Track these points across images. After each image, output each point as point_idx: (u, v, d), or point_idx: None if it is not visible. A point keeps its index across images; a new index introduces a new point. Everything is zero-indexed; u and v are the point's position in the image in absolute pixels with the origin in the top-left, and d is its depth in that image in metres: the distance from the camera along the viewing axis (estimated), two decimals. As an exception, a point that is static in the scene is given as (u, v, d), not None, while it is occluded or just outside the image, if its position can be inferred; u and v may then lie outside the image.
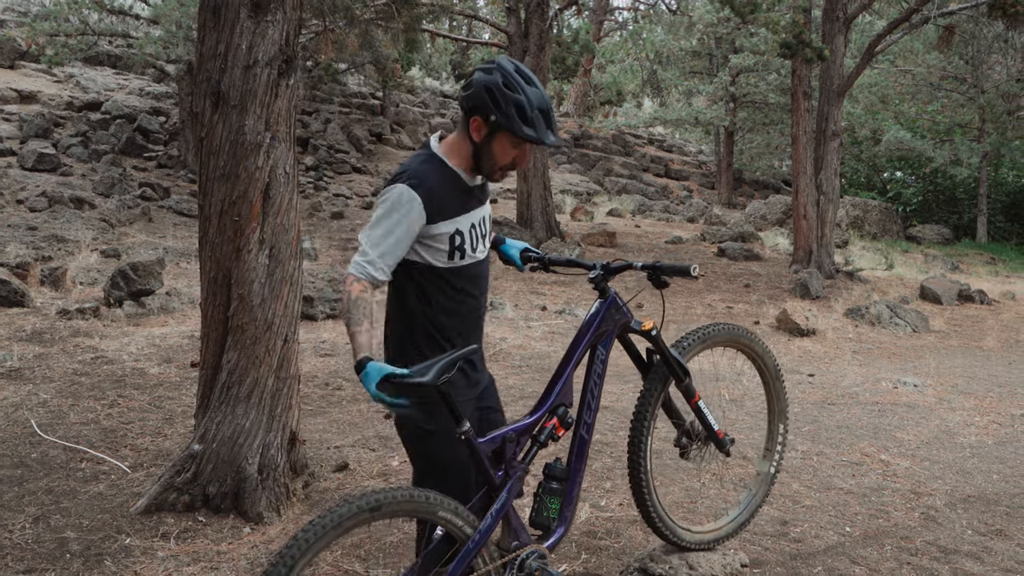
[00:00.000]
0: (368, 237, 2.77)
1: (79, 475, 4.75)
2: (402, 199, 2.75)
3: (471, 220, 2.93)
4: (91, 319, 8.16)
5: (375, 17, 13.13)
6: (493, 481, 2.90)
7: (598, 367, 3.30)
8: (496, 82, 2.77)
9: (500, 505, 2.87)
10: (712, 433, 3.64)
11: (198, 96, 4.40)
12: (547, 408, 3.13)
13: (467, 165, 2.91)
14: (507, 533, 2.98)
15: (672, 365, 3.50)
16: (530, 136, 2.78)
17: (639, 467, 3.52)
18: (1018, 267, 21.43)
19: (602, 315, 3.28)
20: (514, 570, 2.91)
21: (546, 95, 2.84)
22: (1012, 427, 6.99)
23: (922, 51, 24.08)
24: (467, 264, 2.93)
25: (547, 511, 3.10)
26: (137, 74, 22.58)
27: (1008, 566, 4.19)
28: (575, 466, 3.23)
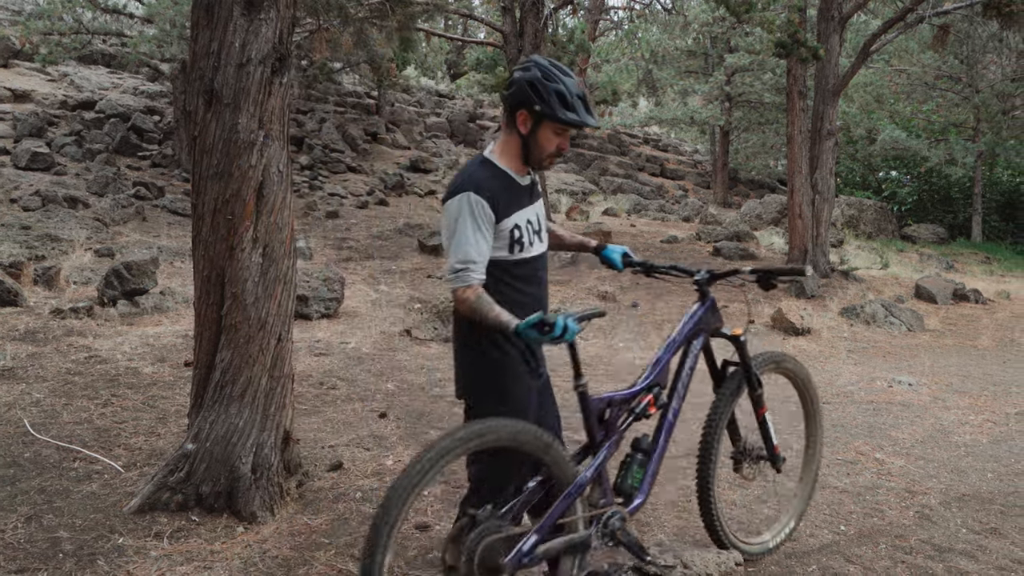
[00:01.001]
0: (456, 248, 3.03)
1: (72, 474, 4.72)
2: (472, 204, 3.02)
3: (526, 216, 3.19)
4: (85, 318, 8.14)
5: (369, 16, 13.11)
6: (595, 438, 3.21)
7: (691, 360, 3.57)
8: (536, 76, 3.06)
9: (599, 460, 3.18)
10: (770, 447, 3.89)
11: (191, 94, 4.38)
12: (644, 385, 3.39)
13: (517, 163, 3.19)
14: (597, 491, 3.22)
15: (751, 373, 3.75)
16: (573, 120, 3.06)
17: (708, 473, 3.69)
18: (1013, 266, 21.47)
19: (700, 315, 3.59)
20: (599, 524, 3.15)
21: (577, 84, 3.10)
22: (1007, 426, 6.99)
23: (917, 50, 24.12)
24: (526, 258, 3.19)
25: (632, 479, 3.33)
26: (131, 73, 22.52)
27: (1003, 564, 4.19)
28: (659, 444, 3.45)
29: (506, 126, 3.20)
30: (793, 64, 14.71)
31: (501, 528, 2.87)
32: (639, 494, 3.36)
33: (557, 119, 3.07)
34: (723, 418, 3.70)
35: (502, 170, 3.18)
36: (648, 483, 3.39)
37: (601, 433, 3.24)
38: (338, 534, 4.18)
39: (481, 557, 2.78)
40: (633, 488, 3.35)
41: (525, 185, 3.24)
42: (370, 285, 11.63)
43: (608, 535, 3.19)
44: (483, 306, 2.99)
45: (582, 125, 3.11)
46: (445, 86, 33.61)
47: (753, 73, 25.58)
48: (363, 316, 9.71)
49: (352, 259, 13.34)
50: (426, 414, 6.29)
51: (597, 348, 9.24)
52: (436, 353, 8.33)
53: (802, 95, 14.93)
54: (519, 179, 3.21)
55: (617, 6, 35.93)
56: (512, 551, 2.85)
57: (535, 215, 3.27)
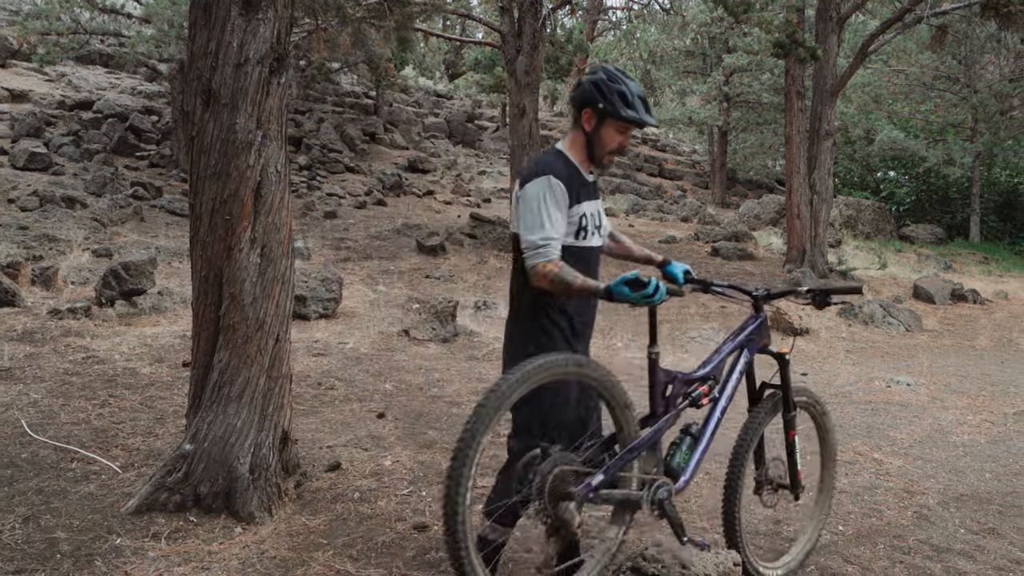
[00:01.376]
0: (538, 226, 3.23)
1: (70, 475, 4.72)
2: (553, 186, 3.26)
3: (589, 209, 3.42)
4: (82, 319, 8.13)
5: (367, 16, 13.09)
6: (657, 407, 3.39)
7: (741, 365, 3.73)
8: (601, 78, 3.32)
9: (658, 427, 3.35)
10: (794, 471, 3.97)
11: (189, 94, 4.37)
12: (702, 374, 3.56)
13: (582, 158, 3.42)
14: (651, 459, 3.37)
15: (788, 394, 3.86)
16: (633, 118, 3.29)
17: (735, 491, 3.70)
18: (1011, 266, 21.49)
19: (752, 327, 3.78)
20: (649, 491, 3.28)
21: (638, 85, 3.34)
22: (1005, 426, 7.00)
23: (915, 51, 24.13)
24: (586, 246, 3.41)
25: (680, 459, 3.47)
26: (129, 73, 22.50)
27: (1001, 564, 4.19)
28: (706, 435, 3.57)
29: (573, 125, 3.45)
30: (791, 64, 14.73)
31: (573, 461, 3.09)
32: (684, 476, 3.48)
33: (619, 116, 3.28)
34: (755, 436, 3.76)
35: (572, 162, 3.41)
36: (693, 468, 3.50)
37: (662, 405, 3.40)
38: (336, 534, 4.17)
39: (553, 484, 3.00)
40: (680, 468, 3.47)
41: (590, 181, 3.47)
42: (368, 285, 11.63)
43: (656, 504, 3.31)
44: (567, 276, 3.16)
45: (642, 123, 3.31)
46: (443, 86, 33.60)
47: (751, 73, 25.60)
48: (361, 316, 9.71)
49: (350, 259, 13.33)
50: (424, 414, 6.28)
51: (594, 348, 9.23)
52: (434, 353, 8.32)
53: (800, 95, 14.95)
54: (585, 175, 3.44)
55: (615, 6, 35.92)
56: (581, 484, 3.07)
57: (596, 210, 3.49)
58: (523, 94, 15.69)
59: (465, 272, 13.26)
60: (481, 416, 2.88)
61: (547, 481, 3.00)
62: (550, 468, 3.02)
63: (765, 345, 3.85)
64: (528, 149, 15.86)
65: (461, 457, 2.84)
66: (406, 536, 4.17)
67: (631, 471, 3.31)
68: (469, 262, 14.01)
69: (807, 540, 4.15)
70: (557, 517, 3.02)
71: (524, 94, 15.69)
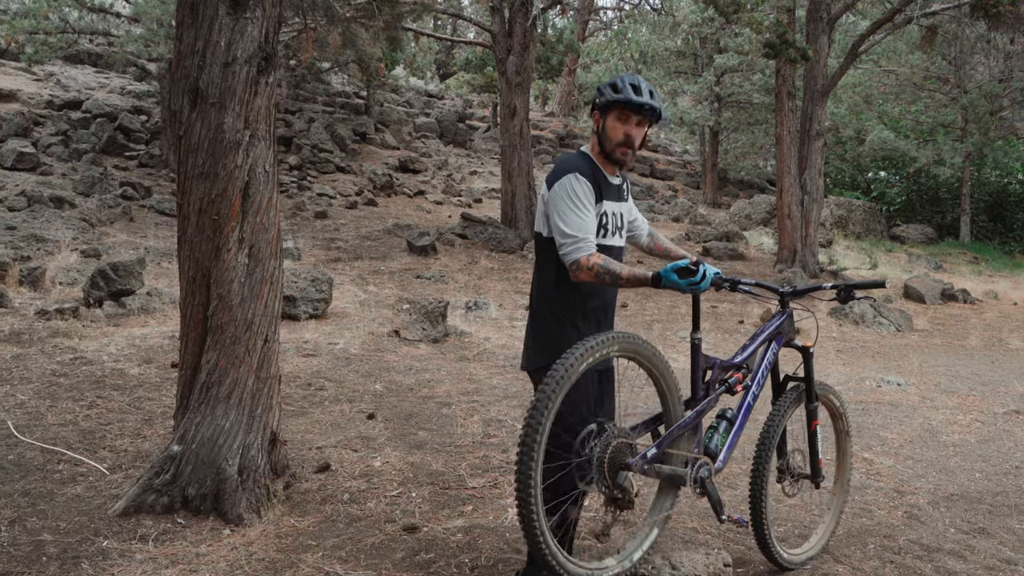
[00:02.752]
0: (571, 223, 3.35)
1: (56, 477, 4.68)
2: (580, 183, 3.40)
3: (612, 209, 3.55)
4: (70, 319, 8.08)
5: (356, 15, 13.06)
6: (698, 390, 3.55)
7: (769, 356, 3.92)
8: (603, 81, 3.59)
9: (700, 408, 3.52)
10: (815, 460, 4.13)
11: (176, 93, 4.34)
12: (736, 362, 3.74)
13: (601, 158, 3.56)
14: (692, 440, 3.53)
15: (811, 385, 4.04)
16: (618, 99, 3.39)
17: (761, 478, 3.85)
18: (1001, 266, 21.57)
19: (779, 322, 3.97)
20: (692, 468, 3.43)
21: (642, 79, 3.45)
22: (995, 425, 7.01)
23: (905, 51, 24.19)
24: (606, 245, 3.50)
25: (717, 442, 3.62)
26: (118, 72, 22.39)
27: (991, 564, 4.19)
28: (739, 420, 3.73)
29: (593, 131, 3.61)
30: (782, 65, 14.74)
31: (628, 435, 3.31)
32: (721, 457, 3.62)
33: (609, 103, 3.42)
34: (781, 425, 3.92)
35: (595, 163, 3.54)
36: (728, 451, 3.65)
37: (702, 389, 3.56)
38: (325, 536, 4.15)
39: (611, 456, 3.19)
40: (717, 449, 3.61)
41: (615, 183, 3.59)
42: (359, 286, 11.59)
43: (697, 482, 3.44)
44: (612, 266, 3.29)
45: (628, 102, 3.38)
46: (434, 86, 33.56)
47: (742, 74, 25.63)
48: (351, 317, 9.68)
49: (341, 260, 13.30)
50: (415, 415, 6.26)
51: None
52: (425, 354, 8.30)
53: (791, 96, 14.97)
54: (609, 176, 3.56)
55: (607, 6, 35.95)
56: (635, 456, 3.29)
57: (620, 212, 3.62)
58: (514, 94, 15.69)
59: (456, 272, 13.24)
60: (547, 392, 2.99)
61: (606, 453, 3.18)
62: (608, 441, 3.20)
63: (791, 339, 4.05)
64: (519, 149, 15.85)
65: (532, 433, 2.95)
66: (395, 537, 4.15)
67: (676, 449, 3.49)
68: (460, 262, 13.99)
69: (827, 528, 4.27)
70: (616, 486, 3.23)
71: (515, 94, 15.69)
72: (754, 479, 3.87)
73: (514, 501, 3.03)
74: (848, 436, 4.42)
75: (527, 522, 2.98)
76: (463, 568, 3.85)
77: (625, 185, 3.72)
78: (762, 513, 3.84)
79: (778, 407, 3.94)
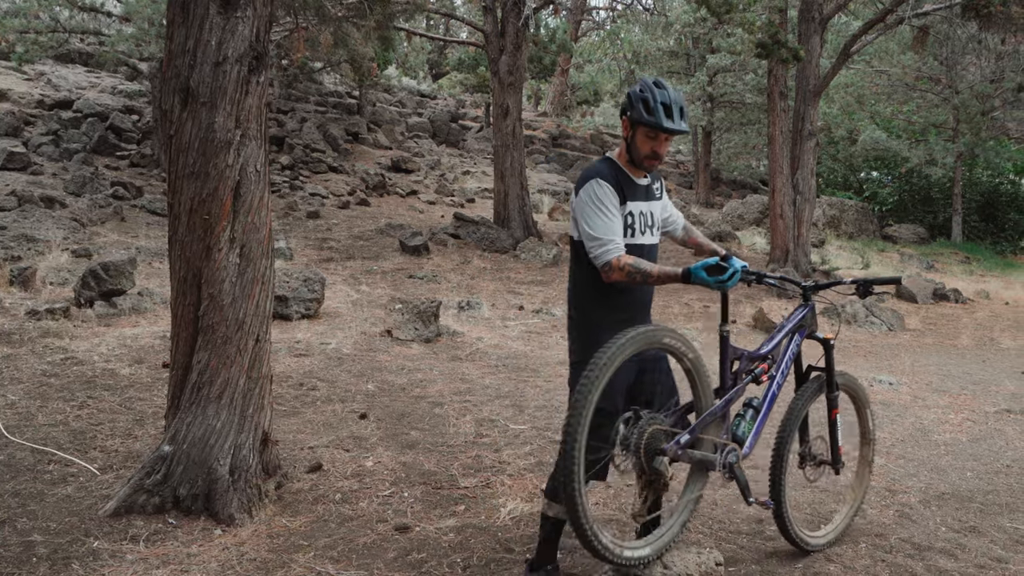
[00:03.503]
0: (598, 227, 3.52)
1: (47, 477, 4.66)
2: (603, 187, 3.56)
3: (639, 208, 3.69)
4: (61, 319, 8.05)
5: (348, 15, 13.03)
6: (727, 379, 3.76)
7: (793, 347, 4.13)
8: (634, 88, 3.60)
9: (729, 397, 3.72)
10: (835, 447, 4.35)
11: (167, 93, 4.32)
12: (762, 353, 3.95)
13: (627, 162, 3.70)
14: (721, 429, 3.73)
15: (832, 375, 4.25)
16: (650, 122, 3.51)
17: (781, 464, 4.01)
18: (992, 266, 21.64)
19: (802, 315, 4.17)
20: (721, 454, 3.65)
21: (674, 95, 3.55)
22: (986, 424, 7.03)
23: (897, 52, 24.24)
24: (635, 243, 3.65)
25: (744, 429, 3.83)
26: (109, 72, 22.32)
27: (981, 562, 4.20)
28: (764, 408, 3.94)
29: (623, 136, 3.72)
30: (774, 65, 14.76)
31: (663, 422, 3.51)
32: (748, 443, 3.83)
33: (640, 122, 3.54)
34: (802, 412, 4.10)
35: (620, 167, 3.69)
36: (754, 438, 3.86)
37: (730, 379, 3.76)
38: (317, 536, 4.14)
39: (647, 441, 3.39)
40: (744, 436, 3.81)
41: (642, 184, 3.74)
42: (351, 285, 11.58)
43: (726, 467, 3.66)
44: (643, 265, 3.46)
45: (659, 128, 3.50)
46: (427, 86, 33.53)
47: (735, 74, 25.67)
48: (344, 316, 9.67)
49: (333, 259, 13.28)
50: (407, 415, 6.25)
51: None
52: (417, 354, 8.29)
53: (783, 96, 14.98)
54: (635, 178, 3.71)
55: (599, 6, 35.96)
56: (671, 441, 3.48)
57: (650, 211, 3.77)
58: (506, 94, 15.68)
59: (448, 272, 13.23)
60: (588, 384, 3.16)
61: (642, 439, 3.39)
62: (644, 427, 3.41)
63: (813, 331, 4.24)
64: (512, 149, 15.84)
65: (576, 416, 3.14)
66: (387, 537, 4.15)
67: (707, 435, 3.67)
68: (452, 262, 13.98)
69: (848, 513, 4.43)
70: (652, 470, 3.42)
71: (508, 94, 15.68)
72: (774, 463, 4.03)
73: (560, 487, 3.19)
74: (871, 424, 4.63)
75: (572, 508, 3.16)
76: (455, 568, 3.85)
77: (657, 184, 3.88)
78: (781, 495, 4.00)
79: (799, 396, 4.14)
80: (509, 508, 4.54)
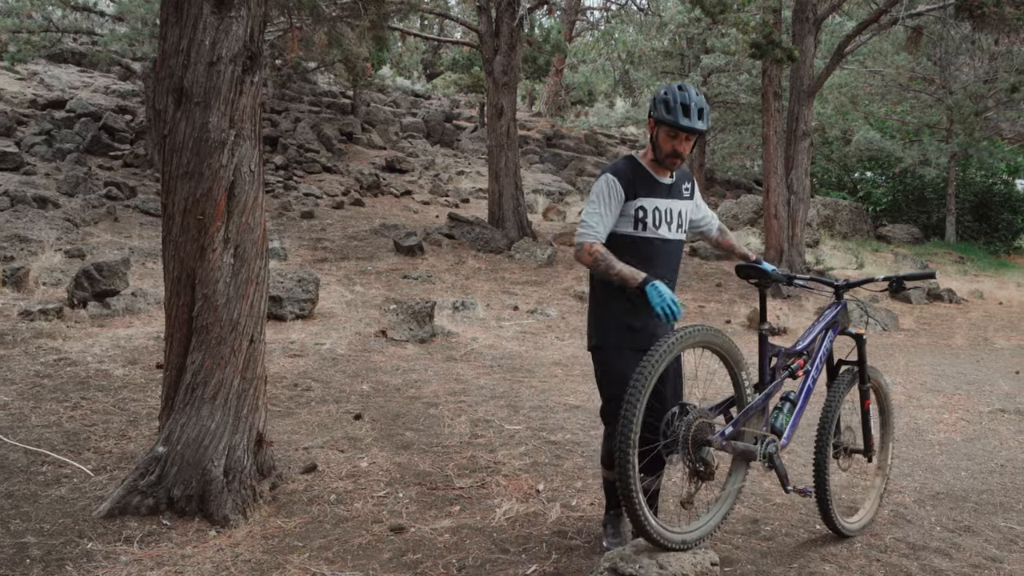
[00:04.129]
0: (591, 216, 3.85)
1: (40, 479, 4.65)
2: (610, 185, 3.85)
3: (656, 204, 3.92)
4: (54, 320, 8.02)
5: (342, 14, 13.01)
6: (765, 375, 4.02)
7: (827, 343, 4.35)
8: (658, 91, 3.84)
9: (768, 391, 3.98)
10: (868, 436, 4.55)
11: (160, 93, 4.31)
12: (798, 350, 4.18)
13: (651, 161, 3.94)
14: (761, 421, 3.99)
15: (864, 368, 4.46)
16: (669, 121, 3.75)
17: (824, 455, 4.20)
18: (986, 266, 21.69)
19: (835, 312, 4.39)
20: (761, 445, 3.87)
21: (694, 97, 3.76)
22: (980, 424, 7.04)
23: (891, 52, 24.26)
24: (648, 237, 3.91)
25: (782, 421, 4.06)
26: (102, 72, 22.25)
27: (976, 562, 4.20)
28: (800, 401, 4.16)
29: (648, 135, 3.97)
30: (768, 65, 14.76)
31: (708, 415, 3.73)
32: (786, 435, 4.04)
33: (660, 121, 3.79)
34: (839, 405, 4.30)
35: (642, 165, 3.95)
36: (791, 429, 4.08)
37: (769, 374, 4.02)
38: (312, 537, 4.13)
39: (694, 434, 3.61)
40: (782, 428, 4.04)
41: (664, 183, 3.97)
42: (345, 286, 11.56)
43: (766, 457, 3.88)
44: (610, 258, 3.75)
45: (676, 125, 3.74)
46: (421, 86, 33.50)
47: (729, 74, 25.65)
48: (338, 317, 9.65)
49: (327, 260, 13.26)
50: (402, 415, 6.24)
51: (574, 349, 9.22)
52: (412, 354, 8.28)
53: (777, 96, 14.99)
54: (658, 177, 3.95)
55: (594, 6, 35.97)
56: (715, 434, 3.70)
57: (673, 208, 3.99)
58: (501, 94, 15.67)
59: (443, 272, 13.22)
60: (641, 379, 3.41)
61: (690, 431, 3.60)
62: (692, 421, 3.62)
63: (845, 327, 4.45)
64: (506, 149, 15.83)
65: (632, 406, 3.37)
66: (382, 538, 4.14)
67: (747, 428, 3.92)
68: (447, 262, 13.97)
69: (875, 499, 4.67)
70: (700, 460, 3.64)
71: (502, 94, 15.67)
72: (817, 454, 4.20)
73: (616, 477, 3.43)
74: (891, 416, 4.87)
75: (627, 497, 3.39)
76: (450, 568, 3.84)
77: (687, 185, 4.11)
78: (825, 484, 4.17)
79: (835, 389, 4.33)
80: (504, 509, 4.53)
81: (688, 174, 4.16)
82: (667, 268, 4.01)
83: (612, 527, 4.11)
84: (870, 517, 4.58)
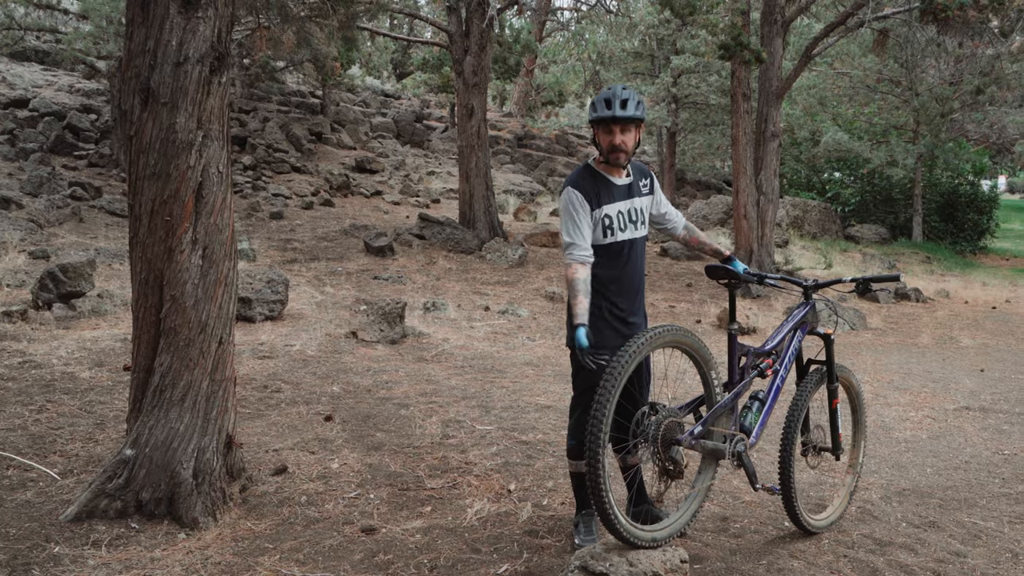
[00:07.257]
0: (569, 234, 3.89)
1: (5, 483, 4.59)
2: (572, 198, 3.91)
3: (618, 208, 4.00)
4: (18, 322, 7.92)
5: (310, 14, 12.95)
6: (735, 375, 4.06)
7: (795, 343, 4.40)
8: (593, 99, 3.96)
9: (737, 391, 4.01)
10: (836, 435, 4.62)
11: (127, 93, 4.27)
12: (767, 349, 4.22)
13: (605, 165, 4.02)
14: (730, 420, 4.02)
15: (832, 368, 4.50)
16: (593, 117, 3.92)
17: (789, 453, 4.20)
18: (952, 266, 21.98)
19: (804, 312, 4.43)
20: (730, 443, 3.92)
21: (617, 90, 3.86)
22: (945, 422, 7.14)
23: (858, 54, 24.52)
24: (617, 241, 3.99)
25: (751, 420, 4.10)
26: (66, 70, 22.00)
27: (941, 557, 4.26)
28: (769, 400, 4.20)
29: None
30: (737, 67, 14.87)
31: (677, 415, 3.80)
32: (754, 434, 4.08)
33: (591, 121, 3.94)
34: (806, 403, 4.31)
35: (598, 172, 4.03)
36: (760, 428, 4.12)
37: (738, 374, 4.06)
38: (283, 539, 4.11)
39: (664, 433, 3.69)
40: (751, 427, 4.08)
41: (621, 184, 4.04)
42: (315, 287, 11.51)
43: (735, 455, 3.93)
44: (577, 288, 3.78)
45: (603, 119, 3.86)
46: (391, 86, 33.44)
47: (699, 75, 25.82)
48: (308, 318, 9.60)
49: (297, 260, 13.19)
50: (372, 416, 6.22)
51: (545, 349, 9.24)
52: (383, 355, 8.26)
53: (746, 97, 15.10)
54: (614, 179, 4.02)
55: (563, 7, 36.04)
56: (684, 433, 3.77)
57: (631, 208, 4.05)
58: (471, 94, 15.67)
59: (414, 273, 13.20)
60: (611, 380, 3.45)
61: (660, 430, 3.68)
62: (661, 420, 3.69)
63: (814, 327, 4.49)
64: (477, 149, 15.83)
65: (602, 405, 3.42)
66: (353, 539, 4.13)
67: (716, 427, 3.95)
68: (418, 263, 13.94)
69: (844, 498, 4.70)
70: (669, 458, 3.73)
71: (472, 94, 15.67)
72: (783, 451, 4.21)
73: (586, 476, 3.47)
74: (863, 415, 4.92)
75: (597, 495, 3.44)
76: (422, 568, 3.84)
77: (645, 181, 4.16)
78: (790, 481, 4.19)
79: (802, 388, 4.35)
80: (476, 509, 4.54)
81: (645, 170, 4.23)
82: (633, 265, 4.09)
83: (584, 526, 4.13)
84: (839, 514, 4.61)
